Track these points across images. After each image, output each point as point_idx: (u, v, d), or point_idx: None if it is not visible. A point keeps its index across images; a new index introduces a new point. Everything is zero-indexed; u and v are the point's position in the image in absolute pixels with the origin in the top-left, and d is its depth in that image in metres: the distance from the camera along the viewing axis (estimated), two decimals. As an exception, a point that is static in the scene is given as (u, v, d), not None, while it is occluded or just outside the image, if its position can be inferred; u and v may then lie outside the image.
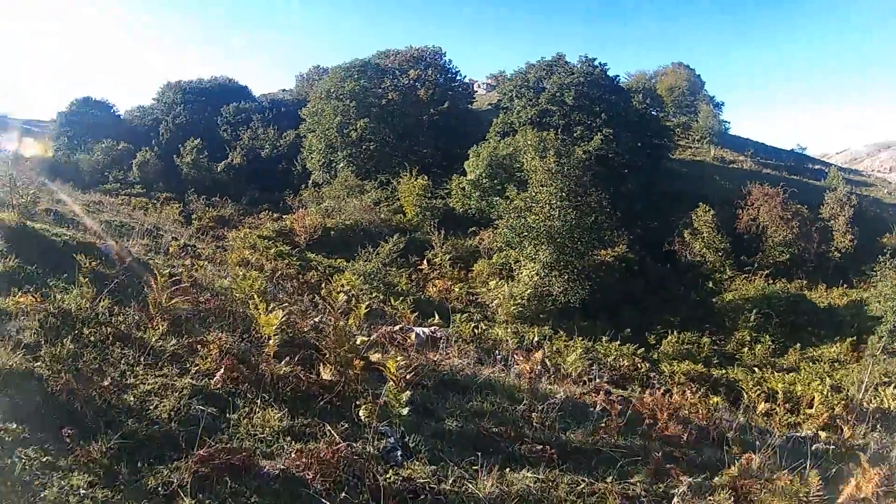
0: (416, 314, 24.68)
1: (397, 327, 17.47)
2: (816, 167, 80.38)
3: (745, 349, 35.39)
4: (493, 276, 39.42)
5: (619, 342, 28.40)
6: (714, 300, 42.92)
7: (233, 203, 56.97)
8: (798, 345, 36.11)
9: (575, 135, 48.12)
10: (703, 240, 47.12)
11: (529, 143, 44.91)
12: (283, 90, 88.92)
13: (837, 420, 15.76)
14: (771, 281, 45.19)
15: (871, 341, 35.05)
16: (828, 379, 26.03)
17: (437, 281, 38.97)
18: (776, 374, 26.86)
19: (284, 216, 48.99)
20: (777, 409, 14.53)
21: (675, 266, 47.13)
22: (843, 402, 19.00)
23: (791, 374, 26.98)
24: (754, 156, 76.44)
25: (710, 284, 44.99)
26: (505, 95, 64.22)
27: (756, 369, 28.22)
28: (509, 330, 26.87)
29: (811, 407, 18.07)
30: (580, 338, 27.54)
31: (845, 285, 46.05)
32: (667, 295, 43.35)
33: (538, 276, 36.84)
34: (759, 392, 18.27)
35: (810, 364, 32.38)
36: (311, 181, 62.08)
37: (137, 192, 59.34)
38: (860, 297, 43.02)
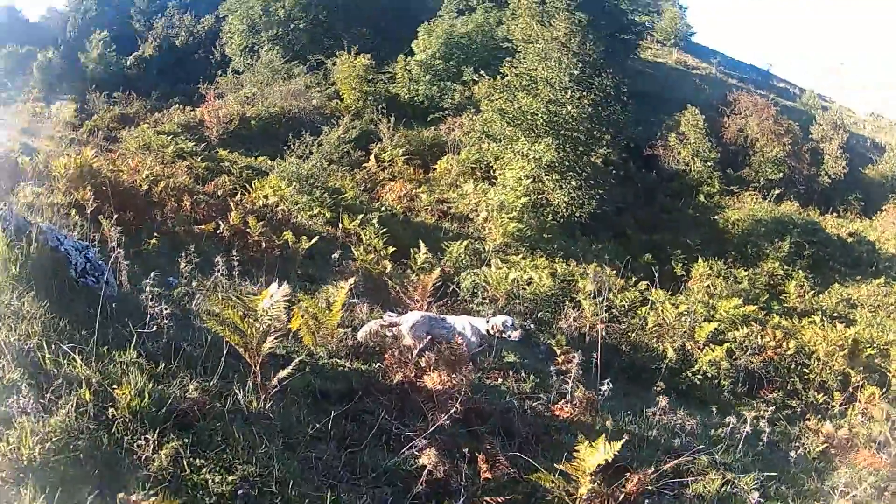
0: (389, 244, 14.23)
1: (409, 320, 7.95)
2: (781, 85, 70.07)
3: (793, 288, 24.60)
4: (465, 177, 27.93)
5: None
6: (716, 218, 32.69)
7: (141, 99, 44.13)
8: (835, 284, 26.37)
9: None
10: (690, 146, 36.74)
11: (525, 4, 31.96)
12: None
13: None
14: (760, 200, 35.37)
15: None
16: None
17: (391, 184, 27.02)
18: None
19: (197, 110, 36.46)
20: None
21: (658, 174, 36.96)
22: None
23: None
24: (718, 65, 66.02)
25: (702, 198, 34.91)
26: (462, -31, 51.62)
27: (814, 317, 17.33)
28: (544, 270, 14.76)
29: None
30: (644, 282, 15.88)
31: (835, 214, 37.43)
32: (660, 208, 33.31)
33: (531, 178, 24.83)
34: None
35: (852, 309, 22.91)
36: (230, 69, 48.54)
37: (35, 97, 46.24)
38: (855, 229, 34.68)
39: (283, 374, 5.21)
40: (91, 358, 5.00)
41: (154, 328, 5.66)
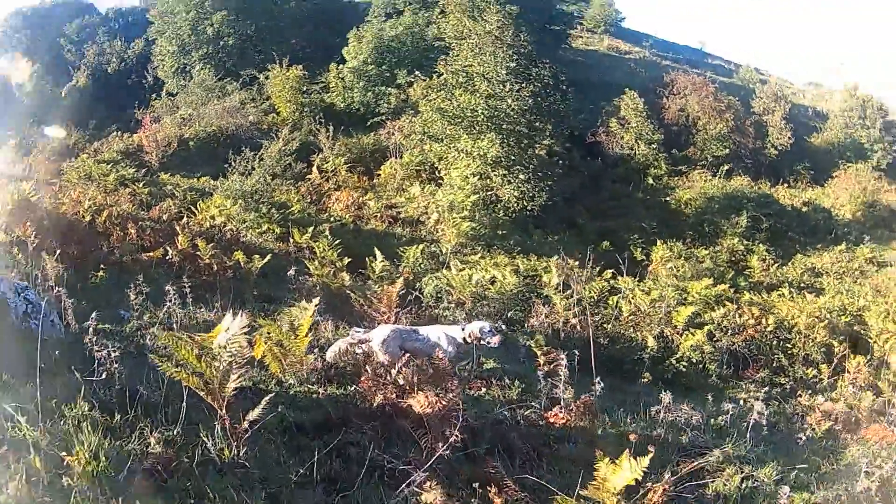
0: (343, 255, 13.87)
1: (380, 335, 7.44)
2: (716, 62, 70.66)
3: (756, 262, 24.76)
4: (411, 180, 27.45)
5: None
6: (668, 200, 32.65)
7: (79, 129, 42.86)
8: (798, 255, 26.76)
9: (471, 16, 35.92)
10: (632, 130, 36.64)
11: (455, 0, 31.60)
12: (134, 7, 73.61)
13: None
14: (710, 178, 35.33)
15: None
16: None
17: (337, 194, 26.50)
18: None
19: (135, 135, 35.93)
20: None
21: (603, 160, 36.68)
22: None
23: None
24: (651, 48, 65.83)
25: (650, 181, 34.89)
26: (388, -28, 51.28)
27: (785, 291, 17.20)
28: (506, 268, 14.40)
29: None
30: (593, 265, 15.58)
31: (786, 185, 37.82)
32: (609, 195, 32.87)
33: (477, 176, 24.48)
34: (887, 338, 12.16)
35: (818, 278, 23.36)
36: (164, 91, 47.49)
37: (-25, 134, 45.45)
38: (808, 198, 35.24)
39: (253, 414, 4.61)
40: (38, 416, 4.39)
41: (104, 374, 5.05)
